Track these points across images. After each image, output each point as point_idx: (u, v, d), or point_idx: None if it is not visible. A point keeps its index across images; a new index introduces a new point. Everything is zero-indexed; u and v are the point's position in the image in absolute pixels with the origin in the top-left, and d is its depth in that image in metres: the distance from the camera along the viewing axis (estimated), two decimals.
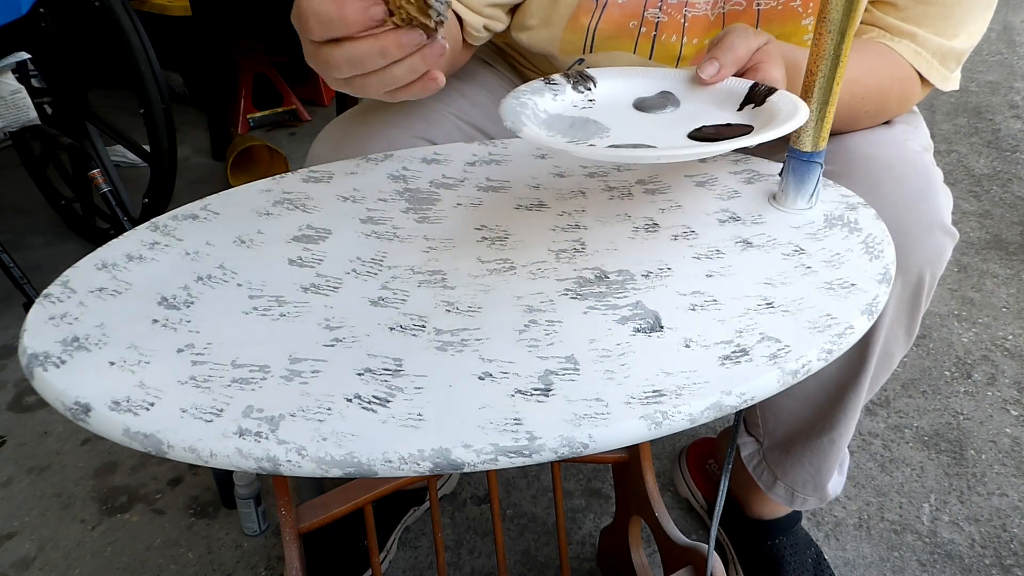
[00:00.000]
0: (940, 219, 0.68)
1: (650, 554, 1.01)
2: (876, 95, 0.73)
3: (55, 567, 1.05)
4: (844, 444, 0.85)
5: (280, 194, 0.67)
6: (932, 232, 0.67)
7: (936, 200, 0.68)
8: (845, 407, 0.80)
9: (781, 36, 0.75)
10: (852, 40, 0.56)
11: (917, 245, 0.67)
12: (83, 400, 0.45)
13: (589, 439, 0.43)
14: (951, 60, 0.74)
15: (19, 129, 1.36)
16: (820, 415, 0.82)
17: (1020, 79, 2.46)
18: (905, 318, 0.73)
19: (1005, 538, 1.08)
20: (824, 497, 0.91)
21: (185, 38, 1.99)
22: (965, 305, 1.52)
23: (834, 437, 0.83)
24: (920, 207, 0.67)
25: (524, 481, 1.17)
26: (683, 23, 0.75)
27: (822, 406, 0.81)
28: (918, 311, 0.73)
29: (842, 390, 0.79)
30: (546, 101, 0.62)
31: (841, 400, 0.79)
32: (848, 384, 0.78)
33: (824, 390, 0.80)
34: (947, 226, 0.68)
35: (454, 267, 0.58)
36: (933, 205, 0.68)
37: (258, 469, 0.42)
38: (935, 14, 0.72)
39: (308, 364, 0.48)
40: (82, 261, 0.57)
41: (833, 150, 0.72)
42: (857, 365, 0.76)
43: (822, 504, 0.92)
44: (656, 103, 0.63)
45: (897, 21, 0.73)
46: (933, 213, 0.67)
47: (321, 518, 0.77)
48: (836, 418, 0.81)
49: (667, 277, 0.57)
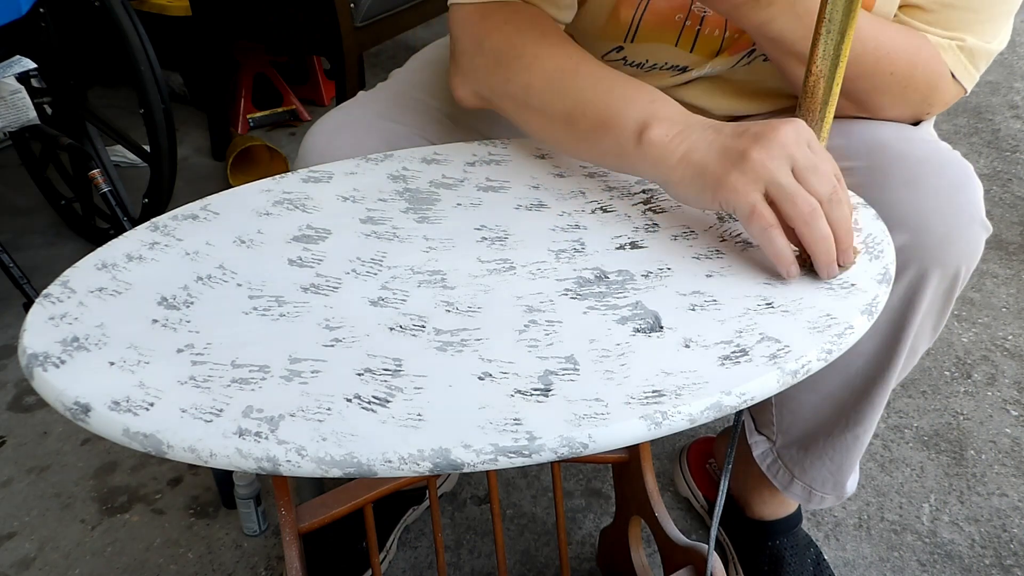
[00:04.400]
0: (978, 211, 0.68)
1: (650, 554, 1.01)
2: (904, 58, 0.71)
3: (55, 567, 1.05)
4: (867, 440, 0.84)
5: (280, 194, 0.67)
6: (972, 225, 0.67)
7: (974, 192, 0.68)
8: (872, 401, 0.79)
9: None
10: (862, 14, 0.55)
11: (956, 238, 0.67)
12: (83, 400, 0.45)
13: (589, 439, 0.43)
14: (982, 60, 0.73)
15: (19, 129, 1.36)
16: (843, 411, 0.81)
17: (1020, 79, 2.46)
18: (936, 312, 0.72)
19: (1005, 538, 1.08)
20: (842, 495, 0.89)
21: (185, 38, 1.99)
22: (965, 305, 1.52)
23: (859, 433, 0.82)
24: (959, 199, 0.67)
25: (524, 481, 1.17)
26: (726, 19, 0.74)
27: (846, 402, 0.80)
28: (949, 305, 0.72)
29: (868, 385, 0.77)
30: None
31: (867, 395, 0.78)
32: (875, 378, 0.77)
33: (848, 386, 0.79)
34: (983, 219, 0.68)
35: (454, 267, 0.58)
36: (972, 196, 0.68)
37: (258, 469, 0.42)
38: (965, 18, 0.71)
39: (308, 364, 0.48)
40: (82, 261, 0.57)
41: (867, 145, 0.71)
42: (885, 359, 0.75)
43: (838, 503, 0.91)
44: None
45: (925, 25, 0.72)
46: (972, 204, 0.67)
47: (321, 518, 0.77)
48: (862, 413, 0.80)
49: (667, 277, 0.57)
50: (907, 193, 0.66)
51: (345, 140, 0.76)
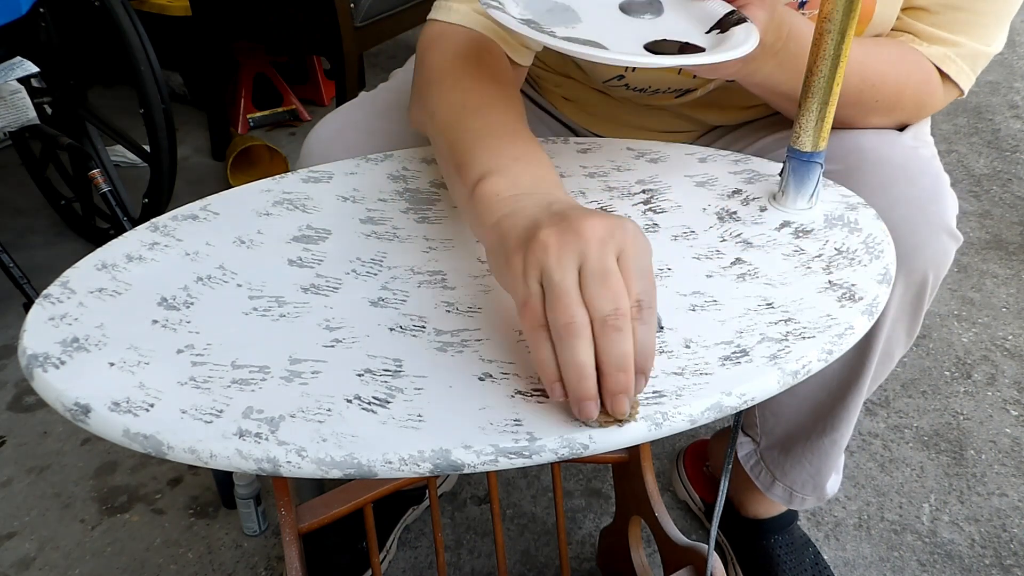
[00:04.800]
0: (947, 222, 0.68)
1: (650, 554, 1.01)
2: (891, 87, 0.73)
3: (55, 567, 1.05)
4: (844, 444, 0.85)
5: (280, 194, 0.67)
6: (939, 234, 0.68)
7: (945, 203, 0.69)
8: (846, 406, 0.80)
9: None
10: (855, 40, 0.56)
11: (923, 246, 0.67)
12: (83, 401, 0.45)
13: (589, 440, 0.43)
14: (980, 63, 0.74)
15: (19, 129, 1.36)
16: (821, 415, 0.82)
17: (1020, 79, 2.46)
18: (907, 319, 0.73)
19: (1005, 538, 1.08)
20: (822, 497, 0.91)
21: (185, 38, 1.99)
22: (965, 305, 1.52)
23: (835, 438, 0.84)
24: (930, 209, 0.68)
25: (524, 481, 1.17)
26: None
27: (823, 406, 0.81)
28: (919, 312, 0.73)
29: (843, 390, 0.79)
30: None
31: (842, 400, 0.80)
32: (849, 384, 0.78)
33: (825, 389, 0.80)
34: (953, 229, 0.69)
35: (454, 267, 0.58)
36: (942, 207, 0.68)
37: (258, 470, 0.42)
38: (969, 20, 0.72)
39: (308, 365, 0.48)
40: (82, 261, 0.57)
41: (846, 149, 0.72)
42: (858, 365, 0.76)
43: (820, 504, 0.92)
44: (638, 7, 0.62)
45: (928, 27, 0.73)
46: (941, 215, 0.68)
47: (321, 518, 0.77)
48: (838, 418, 0.81)
49: (667, 277, 0.57)
50: (880, 199, 0.67)
51: (347, 141, 0.77)
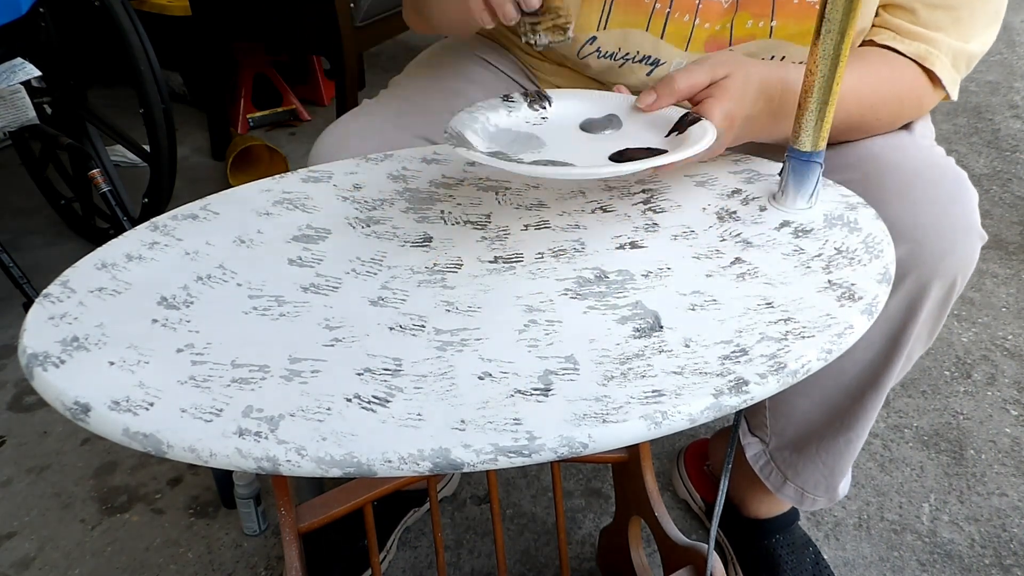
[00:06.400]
0: (972, 222, 0.68)
1: (650, 554, 1.01)
2: (891, 103, 0.74)
3: (55, 567, 1.05)
4: (860, 444, 0.84)
5: (280, 194, 0.67)
6: (966, 237, 0.68)
7: (969, 203, 0.69)
8: (865, 406, 0.79)
9: (796, 35, 0.75)
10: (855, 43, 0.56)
11: (952, 249, 0.67)
12: (83, 400, 0.45)
13: (589, 439, 0.43)
14: (962, 62, 0.75)
15: (19, 129, 1.36)
16: (837, 415, 0.81)
17: (1020, 79, 2.46)
18: (933, 320, 0.73)
19: (1005, 538, 1.08)
20: (834, 498, 0.90)
21: (185, 38, 1.99)
22: (965, 305, 1.52)
23: (851, 437, 0.83)
24: (954, 211, 0.68)
25: (524, 481, 1.17)
26: (697, 5, 0.75)
27: (840, 406, 0.81)
28: (944, 313, 0.73)
29: (863, 390, 0.78)
30: (499, 116, 0.67)
31: (861, 400, 0.79)
32: (870, 384, 0.78)
33: (843, 390, 0.79)
34: (978, 228, 0.69)
35: (454, 267, 0.58)
36: (966, 207, 0.68)
37: (258, 469, 0.42)
38: (949, 18, 0.72)
39: (308, 364, 0.48)
40: (82, 261, 0.57)
41: (859, 156, 0.72)
42: (882, 367, 0.76)
43: (831, 505, 0.91)
44: (600, 124, 0.67)
45: (909, 24, 0.73)
46: (967, 216, 0.68)
47: (321, 518, 0.77)
48: (855, 418, 0.81)
49: (667, 277, 0.57)
50: (903, 206, 0.67)
51: (353, 147, 0.77)
